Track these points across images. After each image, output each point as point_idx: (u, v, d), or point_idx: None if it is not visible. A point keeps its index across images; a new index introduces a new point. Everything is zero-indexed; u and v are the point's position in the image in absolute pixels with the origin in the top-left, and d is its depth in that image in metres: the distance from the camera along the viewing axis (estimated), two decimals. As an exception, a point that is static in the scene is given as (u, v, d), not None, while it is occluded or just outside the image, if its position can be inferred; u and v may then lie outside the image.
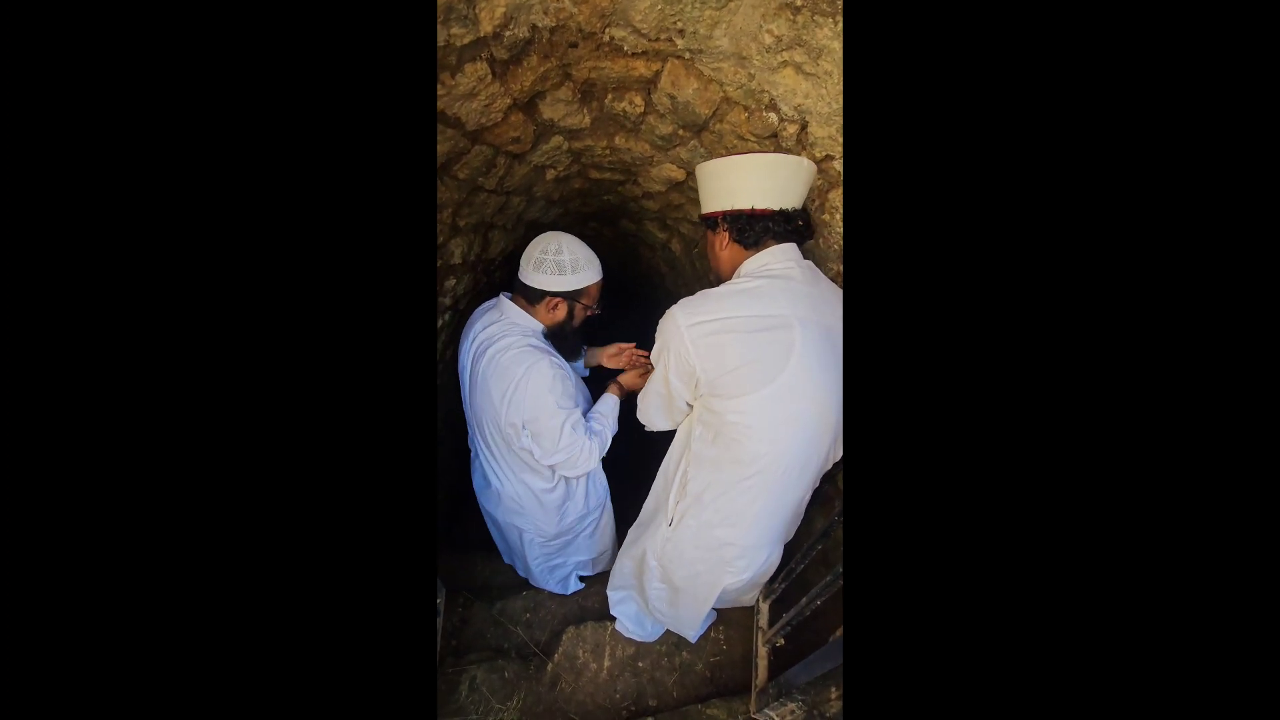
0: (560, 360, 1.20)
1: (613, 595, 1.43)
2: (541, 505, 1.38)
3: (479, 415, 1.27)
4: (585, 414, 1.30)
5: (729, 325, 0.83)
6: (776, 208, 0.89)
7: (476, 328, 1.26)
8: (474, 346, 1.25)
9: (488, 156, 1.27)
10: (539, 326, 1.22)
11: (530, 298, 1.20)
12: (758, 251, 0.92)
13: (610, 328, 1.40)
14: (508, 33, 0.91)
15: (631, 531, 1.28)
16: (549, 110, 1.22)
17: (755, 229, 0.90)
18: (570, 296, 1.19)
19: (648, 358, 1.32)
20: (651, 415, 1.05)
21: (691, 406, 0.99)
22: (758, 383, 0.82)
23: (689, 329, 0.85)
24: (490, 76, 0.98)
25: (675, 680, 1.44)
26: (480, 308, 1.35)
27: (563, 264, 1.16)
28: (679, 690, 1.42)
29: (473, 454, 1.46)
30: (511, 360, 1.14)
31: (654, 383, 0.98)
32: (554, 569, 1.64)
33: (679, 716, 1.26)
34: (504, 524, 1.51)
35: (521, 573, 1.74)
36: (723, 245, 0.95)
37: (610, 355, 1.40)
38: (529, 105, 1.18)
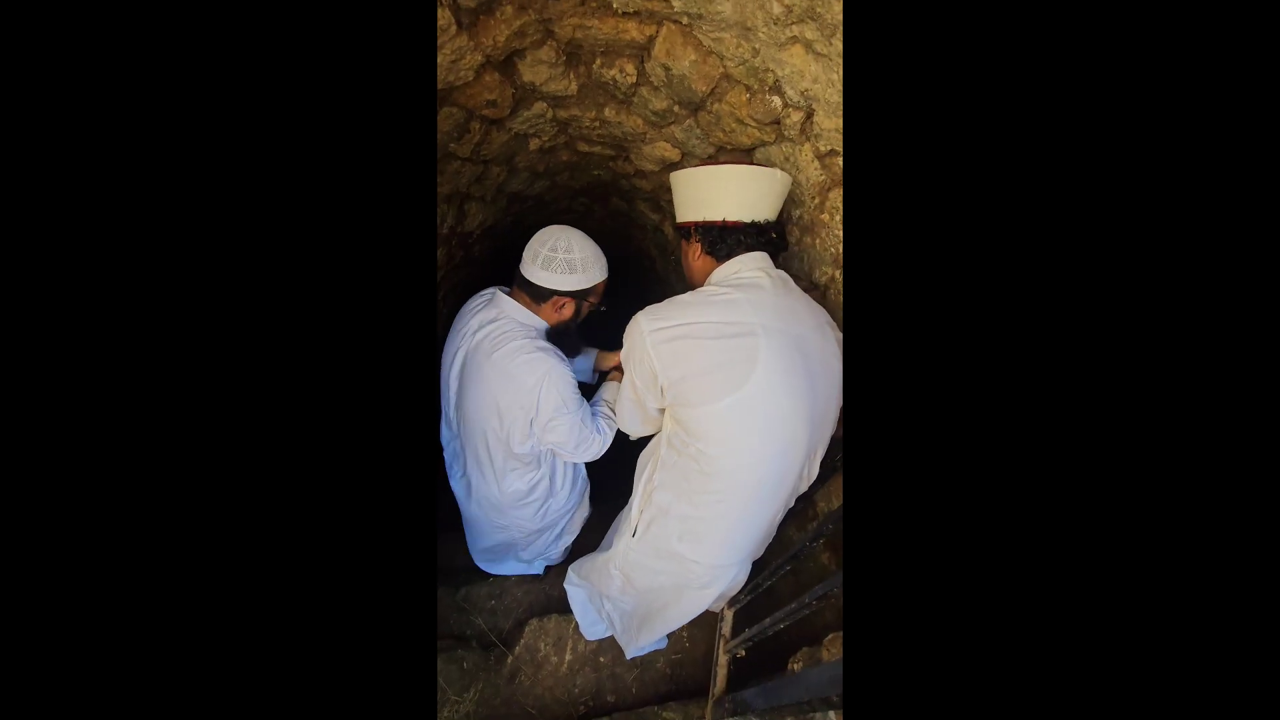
0: (564, 359, 1.18)
1: (572, 576, 1.39)
2: (526, 505, 1.38)
3: (471, 418, 1.20)
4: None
5: (691, 331, 0.81)
6: (749, 220, 0.87)
7: (470, 324, 1.17)
8: (466, 346, 1.17)
9: (459, 120, 1.14)
10: (543, 325, 1.17)
11: (536, 296, 1.14)
12: (729, 261, 0.90)
13: (601, 315, 1.35)
14: (476, -22, 0.78)
15: (609, 533, 1.25)
16: (529, 73, 1.09)
17: (727, 241, 0.89)
18: (579, 295, 1.14)
19: None
20: (626, 420, 1.03)
21: (664, 413, 0.95)
22: (721, 391, 0.79)
23: (651, 334, 0.83)
24: (455, 28, 0.85)
25: (635, 677, 1.43)
26: (472, 302, 1.26)
27: (573, 263, 1.10)
28: (638, 687, 1.41)
29: (449, 455, 1.39)
30: (525, 366, 1.10)
31: (625, 388, 0.96)
32: (521, 555, 1.62)
33: (635, 718, 1.25)
34: (488, 525, 1.47)
35: (481, 564, 1.71)
36: (695, 255, 0.94)
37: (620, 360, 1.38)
38: (506, 65, 1.05)
